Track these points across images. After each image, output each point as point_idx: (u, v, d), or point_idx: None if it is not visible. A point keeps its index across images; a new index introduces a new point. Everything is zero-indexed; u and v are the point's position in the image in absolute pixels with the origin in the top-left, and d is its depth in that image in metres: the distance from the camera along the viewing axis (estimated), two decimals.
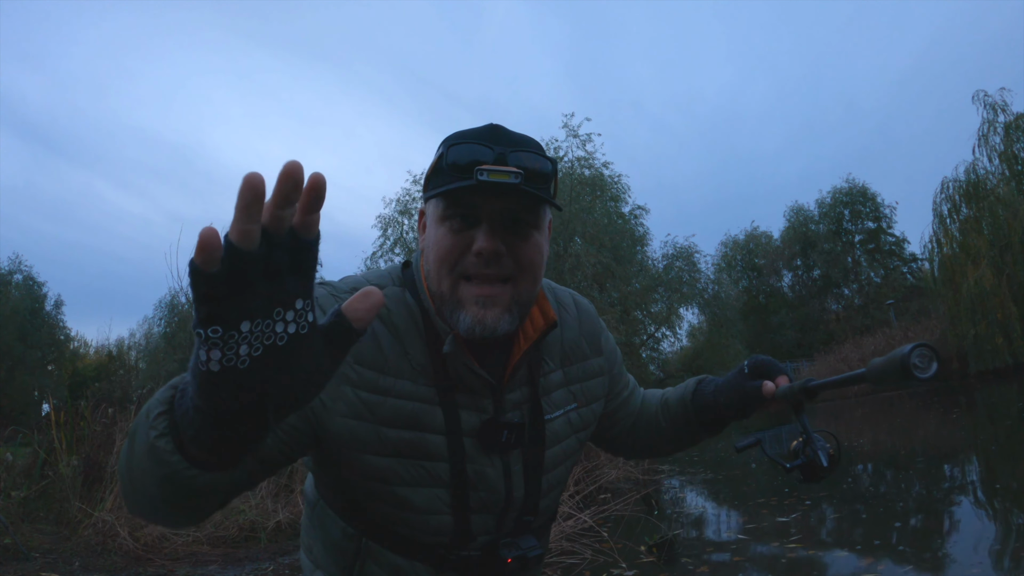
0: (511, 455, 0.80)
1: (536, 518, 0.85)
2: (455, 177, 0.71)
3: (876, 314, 26.15)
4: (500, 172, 0.68)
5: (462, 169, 0.71)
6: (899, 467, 5.76)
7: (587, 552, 3.41)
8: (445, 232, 0.74)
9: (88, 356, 32.37)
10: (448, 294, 0.74)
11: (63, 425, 4.87)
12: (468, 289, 0.73)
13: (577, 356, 0.90)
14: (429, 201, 0.77)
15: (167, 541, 4.12)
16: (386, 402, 0.73)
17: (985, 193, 15.66)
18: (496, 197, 0.71)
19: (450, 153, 0.72)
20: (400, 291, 0.79)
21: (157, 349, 26.23)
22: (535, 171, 0.72)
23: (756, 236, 32.22)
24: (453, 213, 0.73)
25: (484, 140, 0.73)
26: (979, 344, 14.81)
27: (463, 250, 0.73)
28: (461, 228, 0.73)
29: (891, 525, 3.46)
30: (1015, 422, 7.65)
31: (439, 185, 0.74)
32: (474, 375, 0.77)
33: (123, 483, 0.60)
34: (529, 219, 0.74)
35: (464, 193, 0.71)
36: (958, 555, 2.79)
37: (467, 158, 0.71)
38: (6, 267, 25.76)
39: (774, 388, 0.84)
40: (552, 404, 0.85)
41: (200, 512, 0.59)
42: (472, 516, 0.78)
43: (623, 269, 13.15)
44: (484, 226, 0.72)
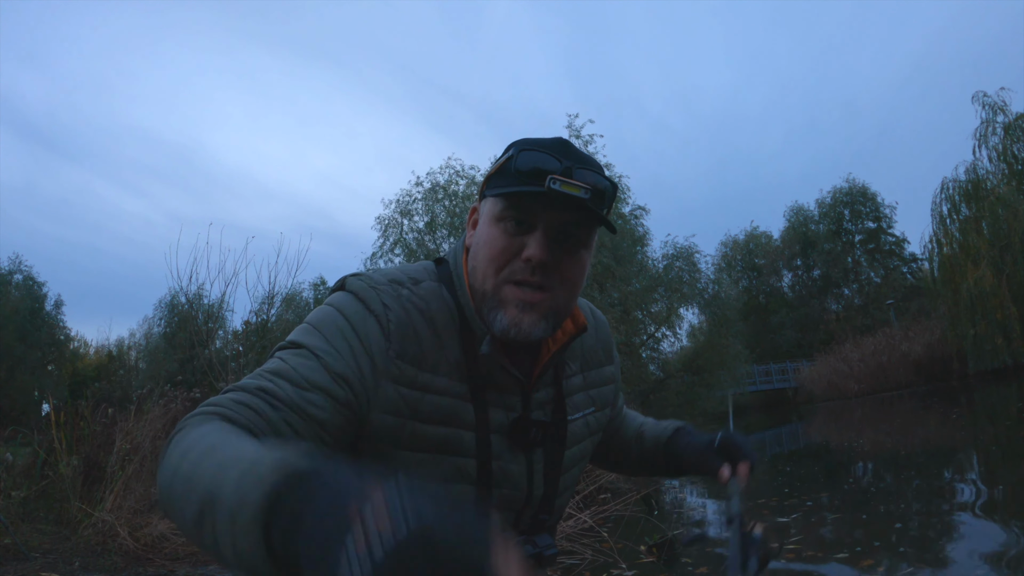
0: (534, 453, 0.82)
1: (550, 517, 0.87)
2: (522, 181, 0.72)
3: (876, 314, 26.15)
4: (572, 184, 0.69)
5: (529, 175, 0.72)
6: (899, 467, 5.76)
7: (587, 552, 3.41)
8: (499, 233, 0.75)
9: (88, 356, 32.38)
10: (491, 293, 0.75)
11: (63, 425, 4.87)
12: (511, 291, 0.74)
13: (594, 362, 0.93)
14: (486, 199, 0.78)
15: (167, 541, 4.12)
16: (424, 398, 0.74)
17: (985, 193, 15.66)
18: (557, 209, 0.72)
19: (520, 157, 0.73)
20: (437, 287, 0.80)
21: (157, 349, 26.27)
22: (598, 190, 0.74)
23: (756, 236, 32.21)
24: (511, 215, 0.74)
25: (554, 151, 0.73)
26: (979, 344, 14.82)
27: (514, 254, 0.74)
28: (515, 232, 0.74)
29: (891, 526, 3.46)
30: (1015, 422, 7.65)
31: (503, 186, 0.74)
32: (506, 374, 0.78)
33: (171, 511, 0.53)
34: (581, 235, 0.76)
35: (528, 199, 0.72)
36: (959, 557, 2.79)
37: (534, 165, 0.72)
38: (6, 267, 25.78)
39: (727, 478, 0.88)
40: (573, 406, 0.87)
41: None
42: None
43: (623, 269, 13.14)
44: (539, 234, 0.73)
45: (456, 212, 13.97)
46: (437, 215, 14.27)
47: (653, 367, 15.16)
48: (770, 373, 26.39)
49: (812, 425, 14.04)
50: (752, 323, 28.25)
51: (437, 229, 14.25)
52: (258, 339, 7.67)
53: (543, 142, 0.75)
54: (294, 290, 20.73)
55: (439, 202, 14.33)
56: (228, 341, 8.76)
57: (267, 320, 7.65)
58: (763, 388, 26.00)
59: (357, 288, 0.76)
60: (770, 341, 28.79)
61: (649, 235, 14.89)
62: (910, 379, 19.02)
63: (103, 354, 32.17)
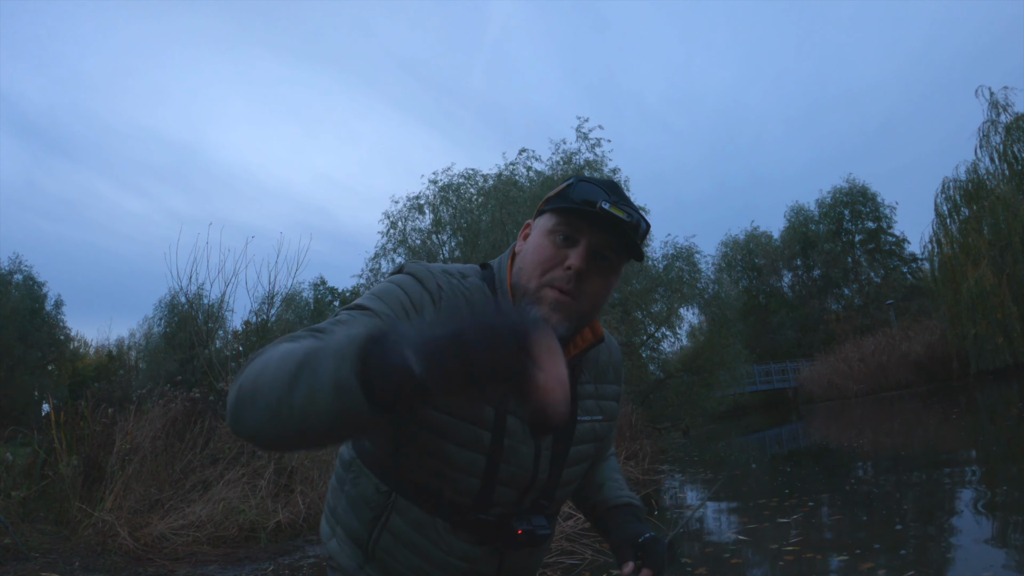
0: (544, 440, 0.91)
1: (550, 504, 0.95)
2: (578, 206, 0.85)
3: (876, 314, 26.15)
4: (620, 209, 0.83)
5: (583, 202, 0.85)
6: (900, 468, 5.76)
7: (587, 552, 3.41)
8: (549, 243, 0.87)
9: (88, 356, 32.36)
10: (532, 291, 0.87)
11: (63, 425, 4.87)
12: (549, 293, 0.86)
13: (605, 378, 1.03)
14: (542, 215, 0.91)
15: (167, 541, 4.12)
16: None
17: (986, 193, 15.66)
18: (601, 230, 0.85)
19: (577, 187, 0.87)
20: (481, 284, 0.92)
21: (157, 349, 26.27)
22: (637, 224, 0.87)
23: (756, 236, 32.21)
24: (561, 230, 0.87)
25: (606, 188, 0.87)
26: (979, 344, 14.81)
27: (558, 262, 0.86)
28: (563, 245, 0.86)
29: (892, 528, 3.45)
30: (1015, 422, 7.65)
31: (563, 206, 0.87)
32: None
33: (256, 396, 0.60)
34: (614, 259, 0.88)
35: (580, 217, 0.85)
36: (959, 559, 2.79)
37: (589, 195, 0.85)
38: (6, 267, 25.74)
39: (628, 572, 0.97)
40: (584, 409, 0.96)
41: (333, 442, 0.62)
42: (498, 486, 0.87)
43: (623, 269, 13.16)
44: (581, 249, 0.85)
45: (462, 214, 14.05)
46: (443, 215, 14.32)
47: (653, 367, 15.16)
48: (770, 373, 26.38)
49: (812, 425, 14.04)
50: (752, 323, 28.26)
51: (443, 229, 14.30)
52: (258, 339, 7.66)
53: (597, 180, 0.89)
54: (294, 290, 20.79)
55: (447, 202, 14.41)
56: (228, 341, 8.76)
57: (267, 320, 7.65)
58: (763, 388, 25.99)
59: (415, 270, 0.88)
60: (770, 341, 28.79)
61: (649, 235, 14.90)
62: (910, 379, 19.03)
63: (103, 354, 32.17)
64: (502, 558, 0.91)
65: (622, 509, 1.08)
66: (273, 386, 0.58)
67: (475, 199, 14.23)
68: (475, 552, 0.89)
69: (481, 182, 14.53)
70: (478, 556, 0.89)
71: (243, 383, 0.63)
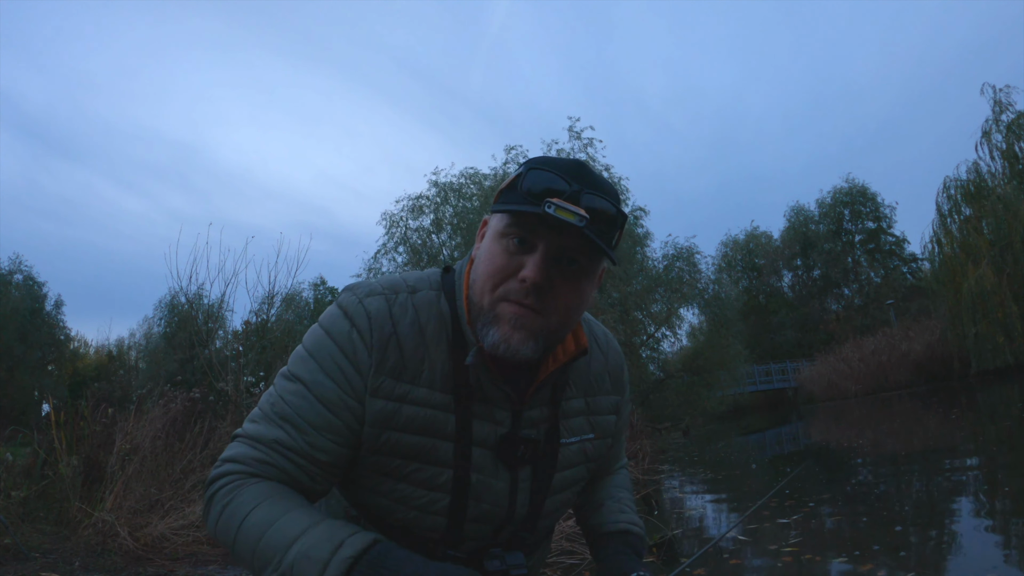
0: (521, 471, 0.81)
1: (531, 536, 0.87)
2: (526, 200, 0.72)
3: (876, 314, 26.14)
4: (567, 211, 0.68)
5: (535, 195, 0.71)
6: (900, 468, 5.75)
7: (587, 552, 3.40)
8: (501, 250, 0.75)
9: (88, 356, 32.36)
10: (487, 308, 0.75)
11: (63, 425, 4.87)
12: (506, 308, 0.74)
13: (600, 389, 0.91)
14: (494, 214, 0.78)
15: (167, 541, 4.12)
16: (401, 409, 0.76)
17: (986, 192, 15.66)
18: (558, 232, 0.72)
19: (528, 176, 0.73)
20: (435, 296, 0.81)
21: (157, 349, 26.29)
22: (603, 216, 0.72)
23: (756, 236, 32.21)
24: (513, 232, 0.74)
25: (564, 173, 0.73)
26: (980, 343, 14.81)
27: (512, 272, 0.74)
28: (516, 251, 0.74)
29: (891, 529, 3.44)
30: (1016, 422, 7.64)
31: (509, 203, 0.74)
32: (496, 388, 0.78)
33: (233, 551, 0.72)
34: (583, 262, 0.75)
35: (529, 219, 0.72)
36: (959, 559, 2.78)
37: (541, 186, 0.72)
38: (6, 267, 25.77)
39: None
40: (570, 429, 0.86)
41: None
42: (468, 524, 0.80)
43: (623, 269, 13.14)
44: (537, 256, 0.72)
45: (462, 213, 14.04)
46: (444, 215, 14.31)
47: (653, 367, 15.15)
48: (770, 373, 26.38)
49: (812, 425, 14.04)
50: (752, 323, 28.24)
51: (443, 229, 14.29)
52: (258, 339, 7.66)
53: (557, 163, 0.74)
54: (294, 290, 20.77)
55: (447, 202, 14.41)
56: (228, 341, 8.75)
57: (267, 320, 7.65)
58: (763, 388, 25.99)
59: (346, 304, 0.79)
60: (770, 341, 28.78)
61: (649, 236, 14.89)
62: (910, 379, 19.02)
63: (103, 354, 32.16)
64: None
65: (616, 537, 0.94)
66: (244, 561, 0.71)
67: (475, 199, 14.22)
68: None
69: (481, 181, 14.52)
70: None
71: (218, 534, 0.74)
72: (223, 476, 0.77)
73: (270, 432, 0.77)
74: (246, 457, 0.77)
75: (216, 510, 0.74)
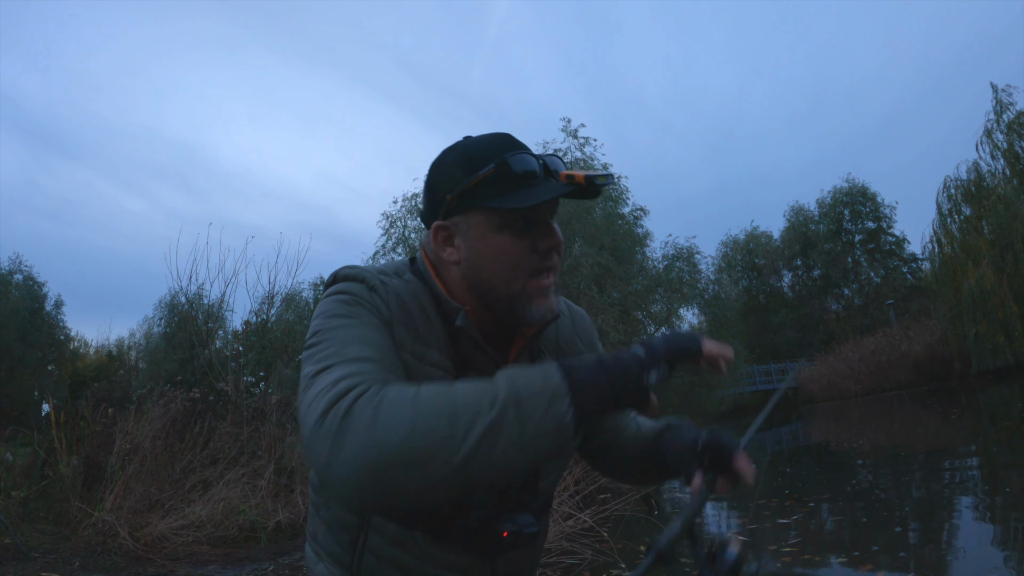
0: None
1: (534, 498, 0.88)
2: (522, 184, 0.75)
3: (876, 314, 26.14)
4: (600, 175, 0.73)
5: (527, 177, 0.75)
6: (900, 469, 5.75)
7: (587, 552, 3.40)
8: (509, 240, 0.77)
9: (88, 356, 32.36)
10: (518, 293, 0.78)
11: (63, 425, 4.87)
12: (535, 284, 0.78)
13: (573, 350, 0.95)
14: (469, 213, 0.78)
15: (167, 541, 4.12)
16: (420, 367, 0.78)
17: (987, 192, 15.66)
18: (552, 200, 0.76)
19: (514, 163, 0.76)
20: (414, 279, 0.84)
21: (157, 349, 26.24)
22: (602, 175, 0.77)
23: (756, 236, 32.20)
24: (515, 219, 0.76)
25: (520, 149, 0.78)
26: (980, 343, 14.80)
27: (531, 251, 0.77)
28: (523, 231, 0.77)
29: (891, 529, 3.44)
30: (1016, 422, 7.64)
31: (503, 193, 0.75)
32: (483, 354, 0.82)
33: (424, 457, 0.55)
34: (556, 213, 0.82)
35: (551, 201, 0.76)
36: (959, 560, 2.78)
37: (526, 168, 0.76)
38: (6, 267, 25.77)
39: (696, 489, 0.83)
40: None
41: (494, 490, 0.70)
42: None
43: (623, 270, 13.12)
44: (548, 225, 0.78)
45: None
46: None
47: None
48: (770, 373, 26.38)
49: (812, 425, 14.03)
50: (752, 323, 28.24)
51: None
52: (258, 339, 7.66)
53: (496, 141, 0.78)
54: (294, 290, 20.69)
55: None
56: (228, 341, 8.76)
57: (267, 320, 7.65)
58: (763, 388, 25.99)
59: (351, 273, 0.81)
60: (770, 341, 28.77)
61: (649, 236, 14.88)
62: (910, 379, 19.01)
63: (103, 354, 32.16)
64: (494, 563, 0.85)
65: (667, 428, 0.93)
66: (454, 445, 0.56)
67: None
68: (462, 561, 0.83)
69: None
70: (466, 565, 0.84)
71: (378, 448, 0.55)
72: (349, 390, 0.61)
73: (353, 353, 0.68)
74: (357, 372, 0.65)
75: (367, 413, 0.57)
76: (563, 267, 12.85)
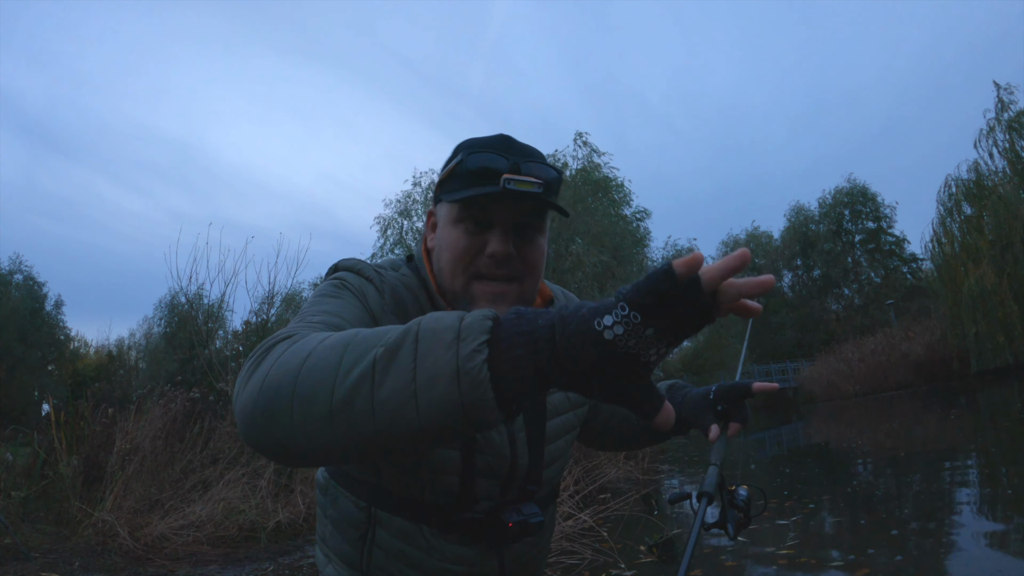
0: (515, 423, 0.84)
1: (539, 488, 0.88)
2: (474, 183, 0.76)
3: (876, 314, 26.13)
4: (525, 182, 0.73)
5: (481, 176, 0.76)
6: (899, 469, 5.75)
7: (587, 552, 3.40)
8: (460, 234, 0.78)
9: (88, 356, 32.36)
10: (461, 291, 0.79)
11: (63, 425, 4.87)
12: (480, 287, 0.78)
13: None
14: (441, 203, 0.82)
15: (167, 541, 4.12)
16: None
17: (987, 191, 15.66)
18: (510, 204, 0.76)
19: (469, 160, 0.77)
20: (409, 272, 0.86)
21: (157, 349, 26.27)
22: (548, 180, 0.78)
23: (757, 236, 32.21)
24: (467, 216, 0.78)
25: (499, 150, 0.78)
26: (980, 343, 14.80)
27: (477, 251, 0.78)
28: (475, 231, 0.78)
29: (888, 532, 3.44)
30: (1016, 423, 7.64)
31: (456, 189, 0.78)
32: None
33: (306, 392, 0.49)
34: (536, 223, 0.80)
35: (484, 200, 0.76)
36: (958, 563, 2.78)
37: (485, 165, 0.76)
38: (6, 267, 25.80)
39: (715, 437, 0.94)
40: None
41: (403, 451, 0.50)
42: (478, 480, 0.81)
43: (624, 269, 13.14)
44: (498, 231, 0.77)
45: None
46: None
47: None
48: (770, 373, 26.37)
49: (812, 425, 14.03)
50: (752, 323, 28.18)
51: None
52: (258, 339, 7.66)
53: (488, 141, 0.79)
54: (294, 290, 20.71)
55: None
56: (228, 341, 8.76)
57: (267, 320, 7.65)
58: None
59: (349, 264, 0.83)
60: (770, 341, 28.76)
61: (650, 236, 14.91)
62: (910, 379, 19.01)
63: (103, 354, 32.16)
64: (501, 554, 0.86)
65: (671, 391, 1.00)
66: (338, 378, 0.48)
67: None
68: (469, 553, 0.84)
69: None
70: (473, 557, 0.84)
71: (271, 378, 0.51)
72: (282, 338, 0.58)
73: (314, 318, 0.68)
74: (303, 328, 0.63)
75: (278, 351, 0.55)
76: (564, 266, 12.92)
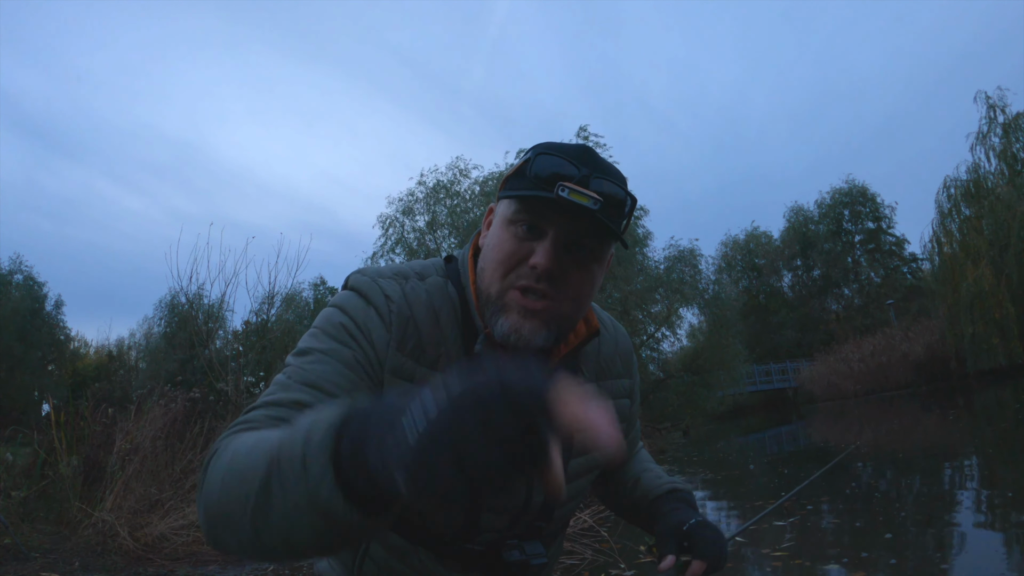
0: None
1: (547, 525, 0.84)
2: (535, 185, 0.71)
3: (876, 314, 26.14)
4: (581, 194, 0.68)
5: (544, 180, 0.71)
6: (898, 470, 5.75)
7: (587, 552, 3.41)
8: (510, 236, 0.74)
9: (88, 356, 32.34)
10: (495, 297, 0.74)
11: (63, 425, 4.87)
12: (515, 297, 0.72)
13: (611, 373, 0.90)
14: (501, 200, 0.77)
15: (167, 541, 4.12)
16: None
17: (985, 193, 15.69)
18: (568, 217, 0.71)
19: (537, 161, 0.72)
20: (443, 282, 0.80)
21: (157, 349, 26.24)
22: (613, 200, 0.72)
23: (756, 236, 32.20)
24: (522, 219, 0.73)
25: (573, 158, 0.72)
26: (976, 344, 14.82)
27: (522, 259, 0.73)
28: (526, 237, 0.73)
29: (887, 534, 3.43)
30: (1012, 424, 7.65)
31: (517, 188, 0.73)
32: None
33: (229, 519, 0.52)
34: (593, 246, 0.74)
35: (539, 204, 0.71)
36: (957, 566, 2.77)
37: (551, 170, 0.71)
38: (6, 267, 25.76)
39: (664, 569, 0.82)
40: None
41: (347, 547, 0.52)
42: (484, 514, 0.77)
43: (624, 269, 13.14)
44: (547, 242, 0.71)
45: (458, 212, 13.96)
46: (438, 215, 14.26)
47: (653, 367, 15.14)
48: (770, 373, 26.38)
49: (812, 425, 14.04)
50: (752, 323, 28.25)
51: (438, 229, 14.24)
52: (258, 339, 7.67)
53: (564, 148, 0.74)
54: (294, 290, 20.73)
55: (440, 202, 14.33)
56: (228, 341, 8.76)
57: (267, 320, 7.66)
58: (763, 388, 25.99)
59: (358, 284, 0.77)
60: (770, 341, 28.77)
61: (650, 236, 14.90)
62: (910, 379, 19.02)
63: (103, 354, 32.14)
64: None
65: (665, 498, 0.92)
66: (244, 508, 0.49)
67: (469, 190, 14.13)
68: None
69: (475, 174, 14.41)
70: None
71: (208, 503, 0.54)
72: (230, 433, 0.62)
73: (289, 395, 0.66)
74: (258, 417, 0.65)
75: (212, 466, 0.58)
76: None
